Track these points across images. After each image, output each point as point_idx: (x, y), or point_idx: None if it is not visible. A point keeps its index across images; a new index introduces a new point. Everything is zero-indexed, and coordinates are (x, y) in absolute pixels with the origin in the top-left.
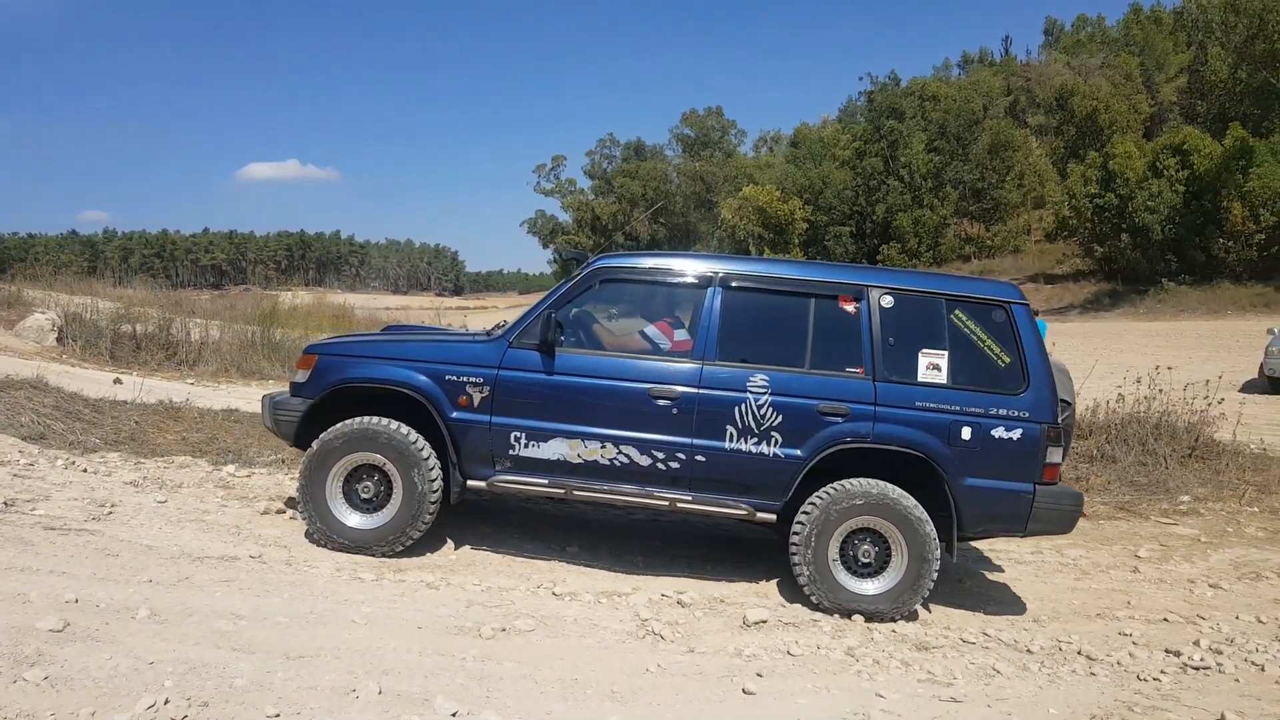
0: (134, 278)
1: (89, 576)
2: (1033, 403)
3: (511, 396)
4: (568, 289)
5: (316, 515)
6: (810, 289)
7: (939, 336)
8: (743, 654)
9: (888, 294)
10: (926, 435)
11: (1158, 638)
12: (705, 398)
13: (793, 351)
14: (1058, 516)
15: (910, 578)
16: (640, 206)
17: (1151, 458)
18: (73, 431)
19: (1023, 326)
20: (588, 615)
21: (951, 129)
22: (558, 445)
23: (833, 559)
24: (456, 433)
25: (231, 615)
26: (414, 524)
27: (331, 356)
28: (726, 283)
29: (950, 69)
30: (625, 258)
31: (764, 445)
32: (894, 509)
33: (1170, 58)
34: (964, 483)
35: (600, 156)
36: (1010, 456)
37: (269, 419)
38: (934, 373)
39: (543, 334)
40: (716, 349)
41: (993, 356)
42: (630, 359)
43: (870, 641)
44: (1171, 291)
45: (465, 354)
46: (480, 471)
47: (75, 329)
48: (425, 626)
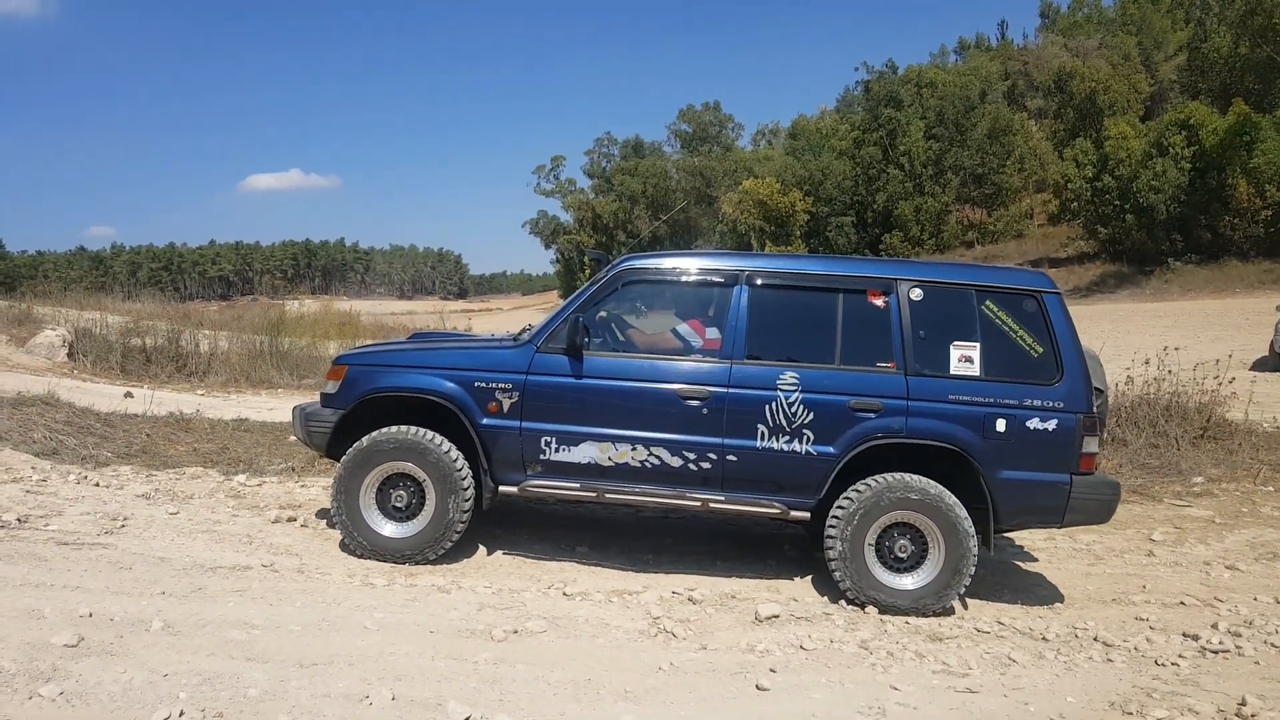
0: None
1: (103, 590)
2: (1067, 392)
3: (541, 401)
4: (593, 291)
5: (351, 524)
6: (838, 284)
7: (970, 328)
8: (755, 650)
9: (917, 287)
10: (960, 428)
11: (1175, 621)
12: (735, 397)
13: (822, 348)
14: (1096, 507)
15: (948, 572)
16: (640, 203)
17: (1163, 439)
18: (85, 446)
19: (1055, 316)
20: (599, 615)
21: (950, 115)
22: (588, 449)
23: (869, 555)
24: (487, 439)
25: (245, 625)
26: (448, 532)
27: (361, 366)
28: (753, 280)
29: (947, 56)
30: (650, 258)
31: (796, 443)
32: (929, 503)
33: (1169, 36)
34: (999, 475)
35: (599, 155)
36: (1046, 447)
37: (301, 430)
38: (966, 365)
39: (570, 337)
40: (745, 347)
41: (1025, 347)
42: (659, 360)
43: (884, 634)
44: (1178, 271)
45: (494, 360)
46: (511, 477)
47: (86, 344)
48: (437, 630)
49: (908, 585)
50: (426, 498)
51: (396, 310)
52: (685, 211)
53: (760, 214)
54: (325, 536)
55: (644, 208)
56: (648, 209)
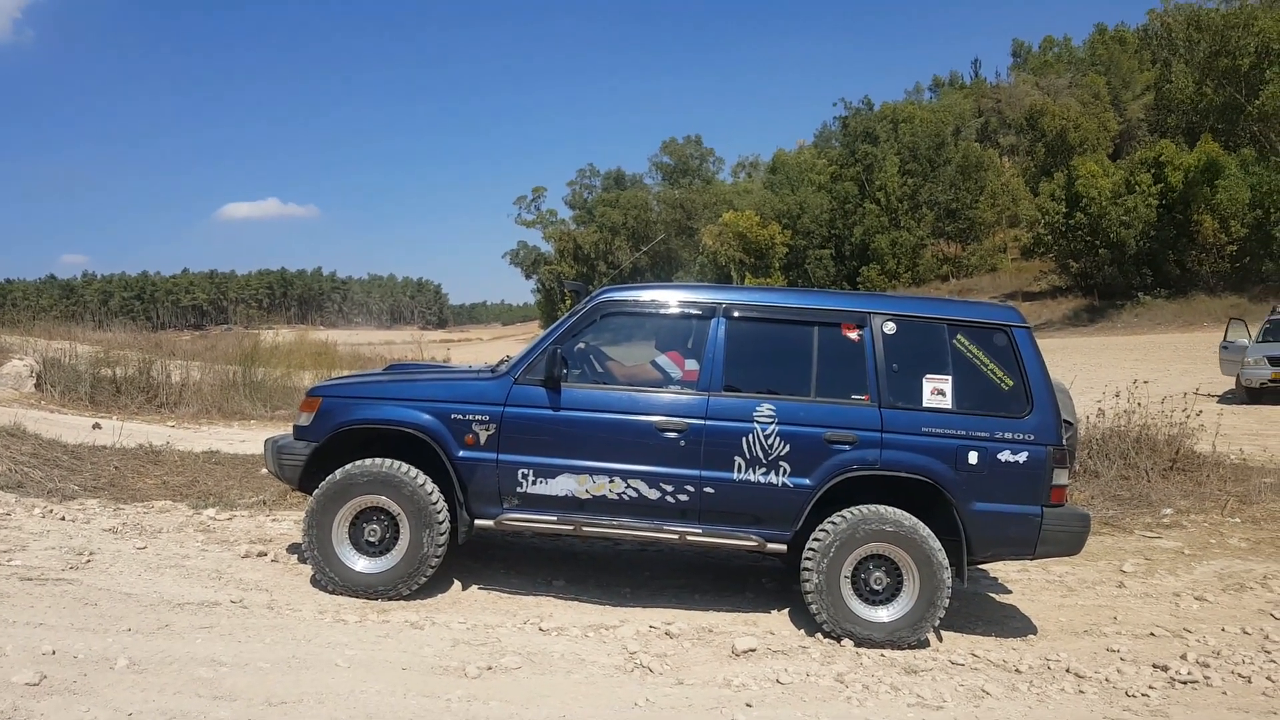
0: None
1: (67, 627)
2: (1037, 425)
3: (518, 433)
4: (572, 323)
5: (323, 559)
6: (813, 317)
7: (942, 361)
8: (732, 684)
9: (890, 320)
10: (933, 460)
11: (1145, 653)
12: (712, 429)
13: (798, 380)
14: (1067, 538)
15: (923, 605)
16: (621, 235)
17: (1133, 471)
18: (51, 479)
19: (1024, 349)
20: (575, 650)
21: (923, 151)
22: (566, 481)
23: (845, 587)
24: (463, 471)
25: (212, 662)
26: (423, 567)
27: (336, 398)
28: (730, 313)
29: (922, 93)
30: (628, 290)
31: (773, 475)
32: (904, 535)
33: (1136, 76)
34: (972, 507)
35: (580, 186)
36: (1017, 479)
37: (273, 463)
38: (939, 398)
39: (548, 369)
40: (722, 379)
41: (996, 380)
42: (636, 392)
43: (859, 666)
44: (1147, 305)
45: (470, 391)
46: (488, 510)
47: (54, 374)
48: (410, 667)
49: (883, 618)
50: (401, 532)
51: (374, 340)
52: (666, 243)
53: (740, 246)
54: (296, 572)
55: (625, 239)
56: (628, 240)
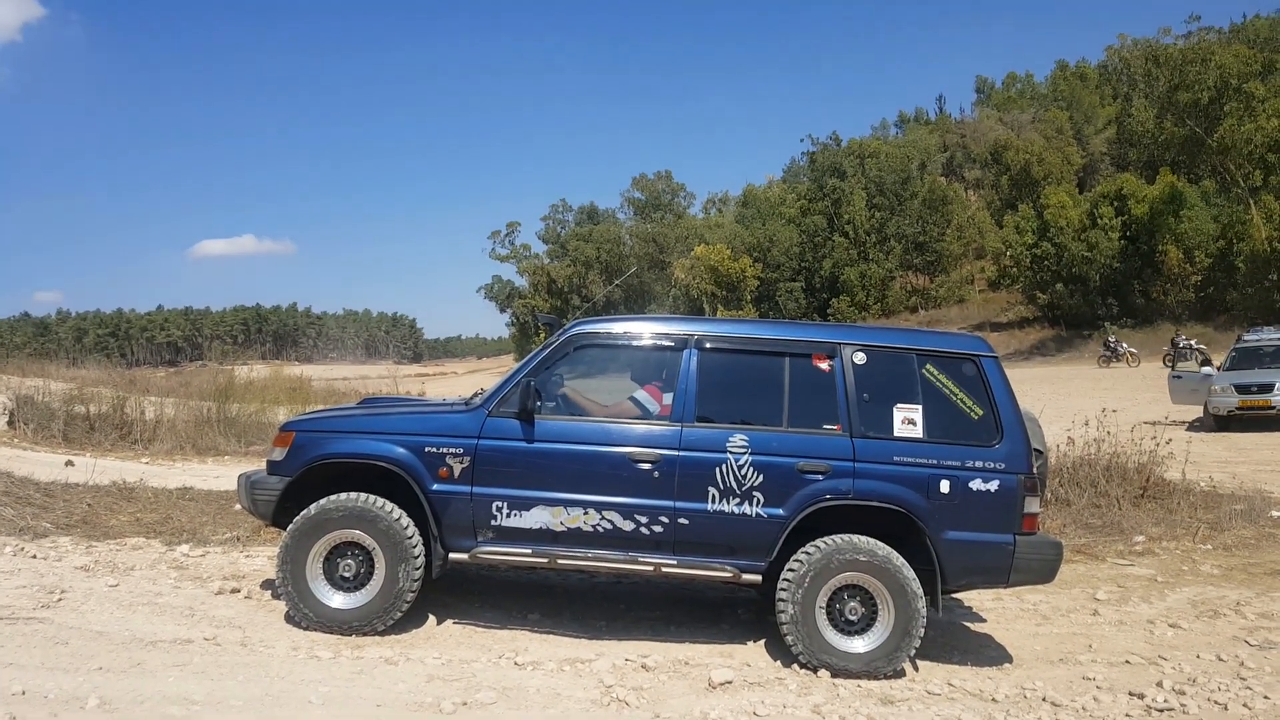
0: (88, 358)
1: (37, 666)
2: (1007, 454)
3: (492, 466)
4: (545, 355)
5: (296, 595)
6: (785, 348)
7: (912, 391)
8: (708, 717)
9: (860, 351)
10: (906, 490)
11: (1121, 680)
12: (686, 459)
13: (770, 411)
14: (1040, 566)
15: (898, 634)
16: (595, 268)
17: (1104, 499)
18: (22, 517)
19: (993, 379)
20: (550, 685)
21: (889, 185)
22: (540, 514)
23: (820, 618)
24: (437, 505)
25: (185, 700)
26: (398, 602)
27: (309, 433)
28: (702, 344)
29: (888, 129)
30: (601, 323)
31: (746, 505)
32: (878, 565)
33: (1098, 110)
34: (945, 536)
35: (554, 221)
36: (989, 508)
37: (246, 499)
38: (909, 427)
39: (522, 402)
40: (695, 410)
41: (965, 409)
42: (610, 423)
43: (836, 698)
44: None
45: (444, 425)
46: (462, 543)
47: (27, 412)
48: (384, 704)
49: (859, 648)
50: (376, 567)
51: (349, 375)
52: (639, 276)
53: (712, 279)
54: (270, 608)
55: (598, 272)
56: (602, 274)
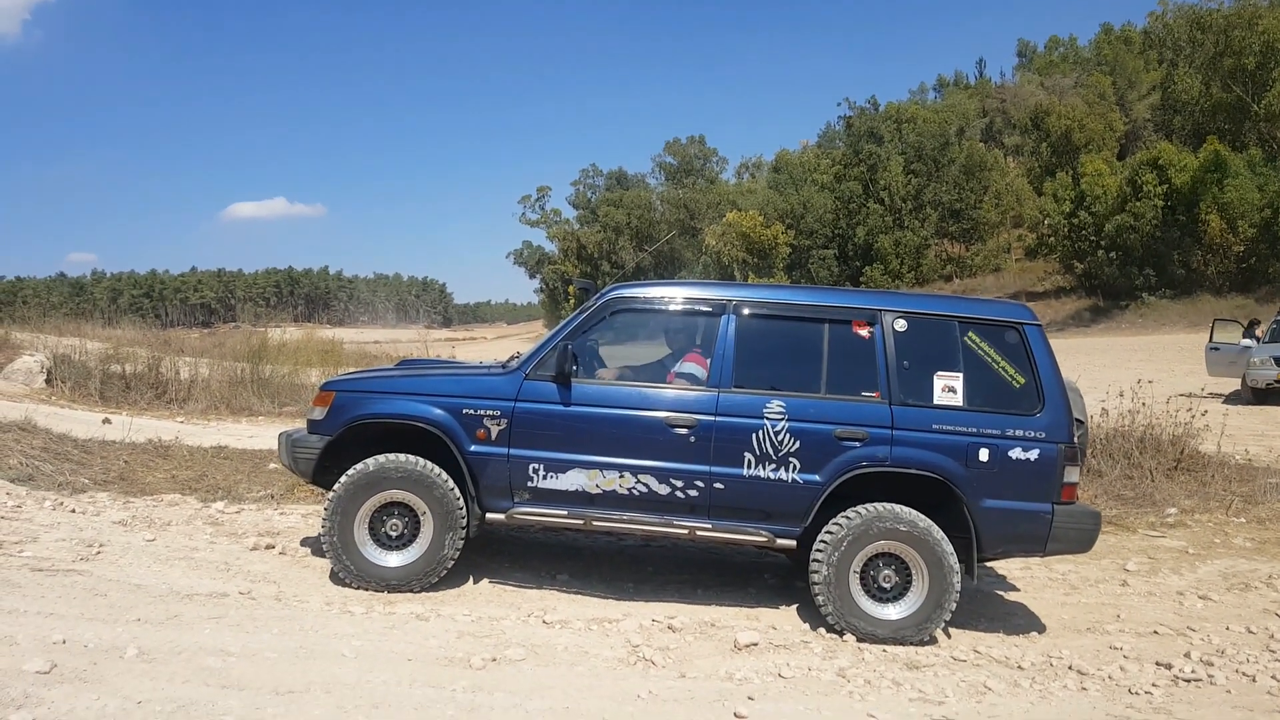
0: (123, 318)
1: (77, 617)
2: (1049, 423)
3: (529, 428)
4: (582, 320)
5: (343, 551)
6: (824, 314)
7: (953, 359)
8: (734, 677)
9: (901, 318)
10: (944, 458)
11: (1148, 651)
12: (722, 425)
13: (808, 377)
14: (1077, 535)
15: (930, 605)
16: (625, 234)
17: (1137, 471)
18: (61, 472)
19: (1036, 347)
20: (578, 643)
21: (927, 151)
22: (576, 476)
23: (854, 585)
24: (475, 466)
25: (220, 652)
26: (441, 565)
27: (348, 393)
28: (740, 310)
29: (926, 93)
30: (638, 287)
31: (782, 471)
32: (913, 533)
33: (1142, 76)
34: (982, 504)
35: (584, 186)
36: (1028, 477)
37: (286, 456)
38: (949, 395)
39: (559, 365)
40: (732, 376)
41: (1007, 378)
42: (646, 388)
43: (861, 662)
44: (1152, 306)
45: (482, 387)
46: (499, 504)
47: (64, 370)
48: (415, 658)
49: (890, 615)
50: (422, 529)
51: (380, 339)
52: (670, 243)
53: (743, 246)
54: (304, 564)
55: (628, 239)
56: (632, 240)
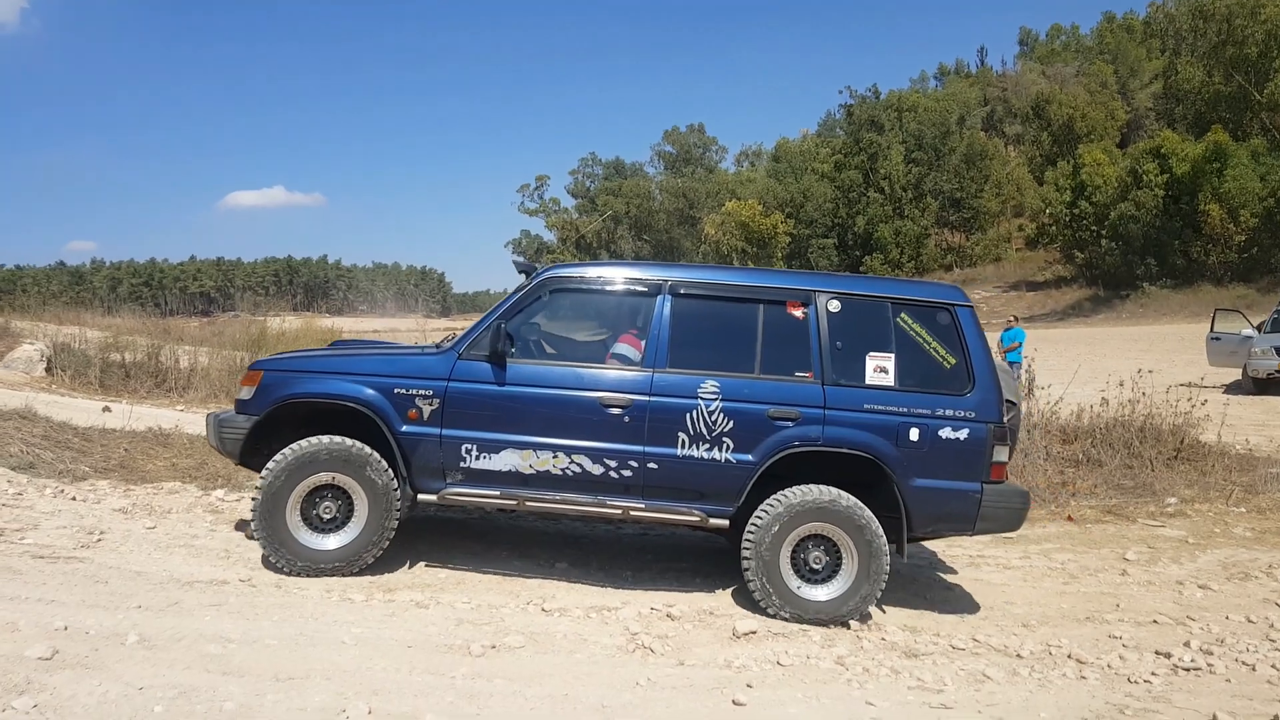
0: (122, 306)
1: (78, 604)
2: (978, 403)
3: (461, 408)
4: (517, 299)
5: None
6: (759, 295)
7: (886, 339)
8: (732, 665)
9: (834, 298)
10: (875, 437)
11: (1148, 640)
12: (656, 405)
13: (743, 357)
14: (1006, 515)
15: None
16: (624, 223)
17: (1137, 460)
18: (61, 460)
19: (967, 328)
20: (577, 630)
21: (928, 140)
22: (509, 456)
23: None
24: (406, 446)
25: (221, 639)
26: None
27: (277, 372)
28: (676, 290)
29: (927, 81)
30: (574, 267)
31: (716, 451)
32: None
33: (1144, 64)
34: (913, 483)
35: (583, 175)
36: (957, 456)
37: (214, 437)
38: (881, 375)
39: (492, 345)
40: (667, 356)
41: (938, 358)
42: (581, 368)
43: (859, 650)
44: (1153, 295)
45: (414, 367)
46: (431, 484)
47: (64, 359)
48: (415, 645)
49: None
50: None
51: (379, 327)
52: (668, 232)
53: (742, 235)
54: None
55: (627, 228)
56: (631, 229)
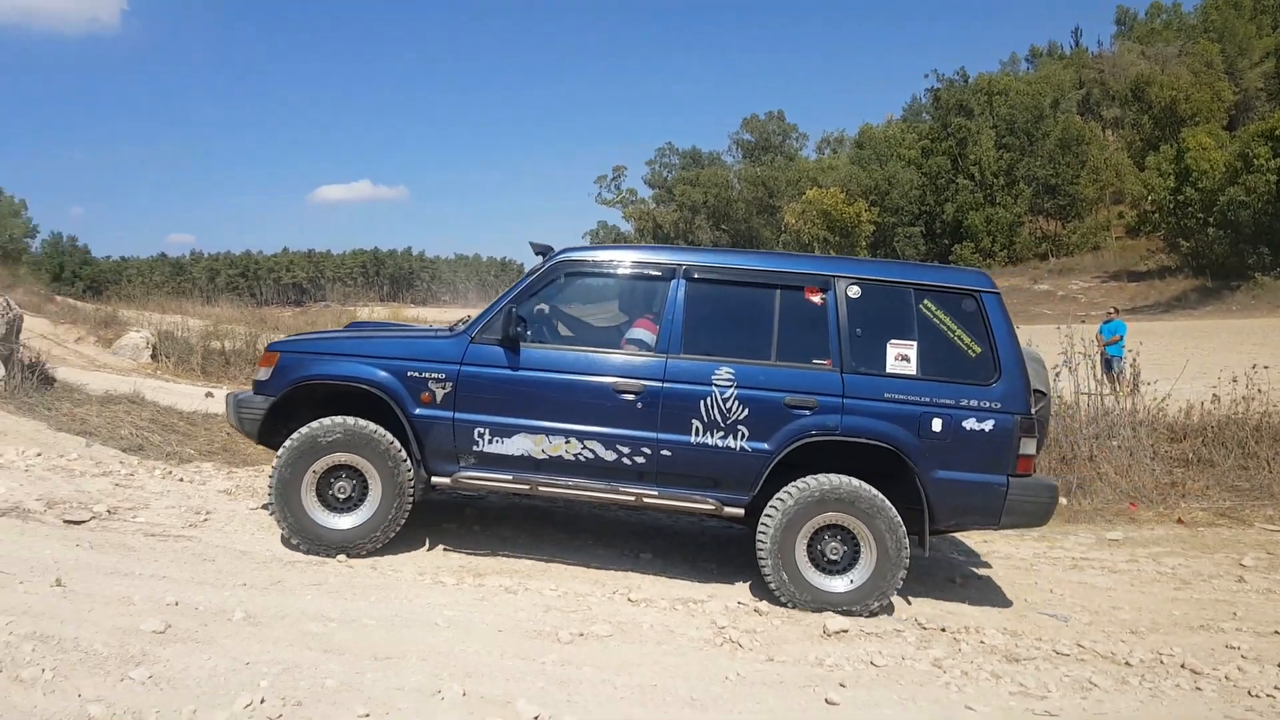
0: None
1: (187, 580)
2: (1004, 393)
3: (474, 392)
4: (530, 282)
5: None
6: (776, 280)
7: (908, 327)
8: (824, 664)
9: (854, 284)
10: (895, 427)
11: (1269, 652)
12: (670, 391)
13: (758, 344)
14: (1033, 509)
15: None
16: (701, 213)
17: (1253, 461)
18: (169, 443)
19: (994, 316)
20: (664, 622)
21: (1020, 124)
22: (522, 441)
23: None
24: (420, 429)
25: (322, 617)
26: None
27: (293, 354)
28: (690, 274)
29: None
30: (588, 250)
31: (730, 439)
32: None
33: (1254, 42)
34: (935, 475)
35: (660, 165)
36: (982, 448)
37: (233, 416)
38: (903, 364)
39: (504, 328)
40: (681, 342)
41: (963, 346)
42: (593, 353)
43: (957, 652)
44: (1266, 286)
45: (427, 350)
46: (444, 468)
47: (168, 346)
48: (505, 630)
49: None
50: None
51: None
52: (746, 221)
53: (824, 224)
54: (397, 537)
55: (705, 217)
56: (709, 219)
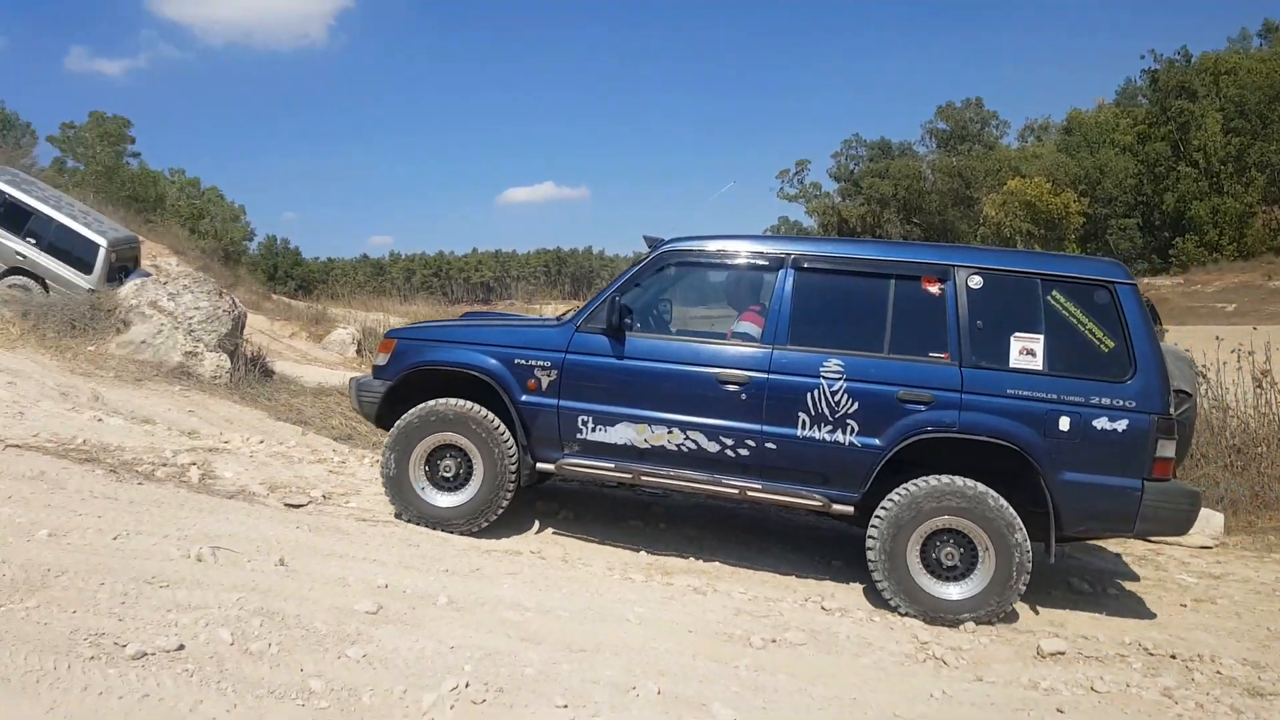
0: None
1: (395, 564)
2: (1140, 391)
3: (578, 380)
4: (635, 273)
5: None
6: (890, 270)
7: (1034, 319)
8: (1039, 686)
9: (976, 274)
10: (1019, 425)
11: None
12: (775, 383)
13: (870, 336)
14: (1172, 516)
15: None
16: (891, 206)
17: None
18: (375, 433)
19: (1129, 308)
20: (860, 633)
21: (1253, 106)
22: (624, 430)
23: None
24: (525, 415)
25: (518, 606)
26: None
27: (409, 340)
28: (799, 264)
29: (1249, 40)
30: (695, 240)
31: (839, 433)
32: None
33: None
34: (1062, 477)
35: (846, 158)
36: (1114, 450)
37: (354, 399)
38: (1028, 358)
39: (609, 318)
40: (788, 333)
41: (1095, 341)
42: (698, 343)
43: (1190, 682)
44: None
45: (534, 338)
46: (549, 454)
47: (371, 341)
48: (695, 631)
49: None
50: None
51: None
52: (940, 214)
53: (1028, 216)
54: (586, 531)
55: (895, 211)
56: (899, 213)
